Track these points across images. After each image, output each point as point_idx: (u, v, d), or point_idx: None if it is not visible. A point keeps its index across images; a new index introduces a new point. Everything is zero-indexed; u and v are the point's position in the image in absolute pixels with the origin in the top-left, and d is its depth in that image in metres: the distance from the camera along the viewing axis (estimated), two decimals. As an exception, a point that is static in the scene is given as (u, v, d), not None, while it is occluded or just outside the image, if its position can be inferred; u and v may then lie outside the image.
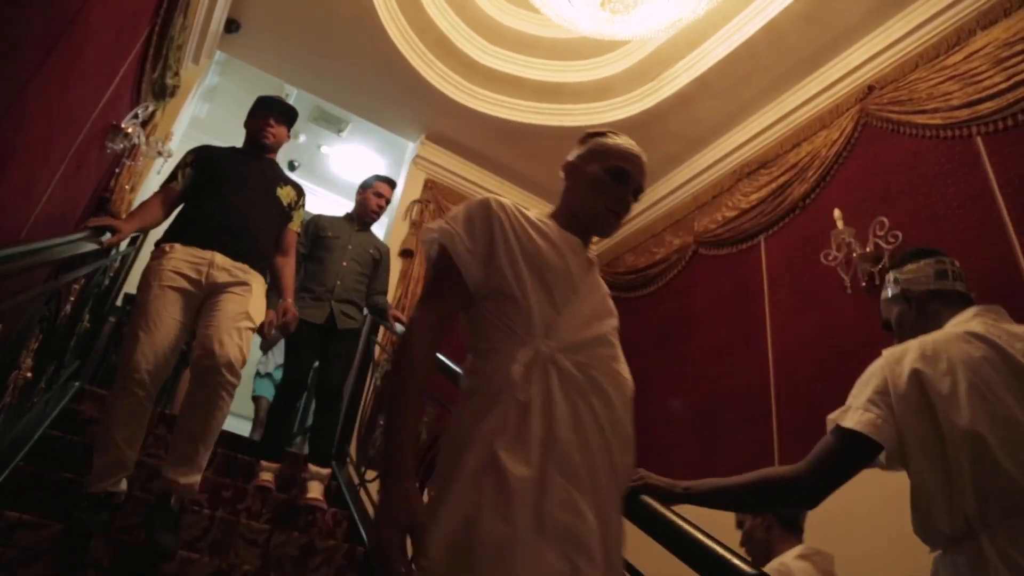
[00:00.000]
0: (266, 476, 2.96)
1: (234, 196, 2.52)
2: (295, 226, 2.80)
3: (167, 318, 2.23)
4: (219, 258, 2.37)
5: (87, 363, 3.52)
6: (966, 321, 1.44)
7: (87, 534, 2.02)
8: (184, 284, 2.30)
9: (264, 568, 2.42)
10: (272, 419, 3.24)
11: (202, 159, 2.61)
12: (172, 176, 2.58)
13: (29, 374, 2.25)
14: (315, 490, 2.98)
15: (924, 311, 1.56)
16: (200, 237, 2.39)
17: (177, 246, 2.35)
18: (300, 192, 2.81)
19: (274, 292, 3.02)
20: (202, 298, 2.34)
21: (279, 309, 2.66)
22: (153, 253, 2.38)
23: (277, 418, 3.22)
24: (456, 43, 4.71)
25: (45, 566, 1.91)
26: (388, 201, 3.67)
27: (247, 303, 2.37)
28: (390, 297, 4.10)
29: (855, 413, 1.36)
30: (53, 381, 2.83)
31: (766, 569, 1.80)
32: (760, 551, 2.15)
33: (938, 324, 1.50)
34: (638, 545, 1.43)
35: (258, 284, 2.48)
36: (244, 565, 2.28)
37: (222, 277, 2.35)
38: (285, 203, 2.70)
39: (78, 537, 2.00)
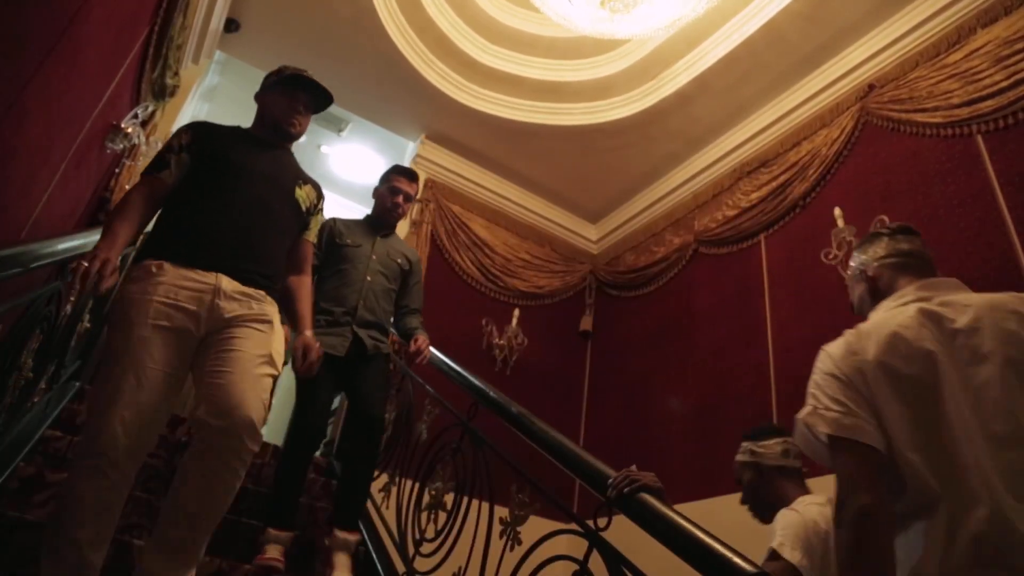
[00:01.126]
0: (273, 552, 2.33)
1: (244, 197, 1.90)
2: (311, 236, 2.17)
3: (155, 370, 1.63)
4: (226, 283, 1.77)
5: (87, 363, 3.52)
6: None
7: None
8: (180, 320, 1.69)
9: (265, 567, 2.42)
10: (282, 480, 2.49)
11: (201, 142, 1.96)
12: (161, 162, 1.89)
13: (29, 374, 2.25)
14: (342, 566, 2.41)
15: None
16: (200, 254, 1.78)
17: (167, 266, 1.73)
18: (320, 194, 2.20)
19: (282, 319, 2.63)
20: (201, 338, 1.74)
21: (297, 346, 2.02)
22: (131, 273, 1.75)
23: (288, 479, 2.49)
24: (456, 42, 4.71)
25: (46, 566, 1.91)
26: (409, 197, 3.00)
27: (269, 342, 1.80)
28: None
29: None
30: (53, 381, 2.83)
31: (779, 515, 1.83)
32: (767, 502, 2.02)
33: None
34: (639, 545, 1.43)
35: (276, 315, 1.90)
36: (244, 565, 2.27)
37: (231, 309, 1.76)
38: (304, 207, 2.08)
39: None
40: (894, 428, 1.17)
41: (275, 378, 1.81)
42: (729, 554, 1.16)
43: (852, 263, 1.69)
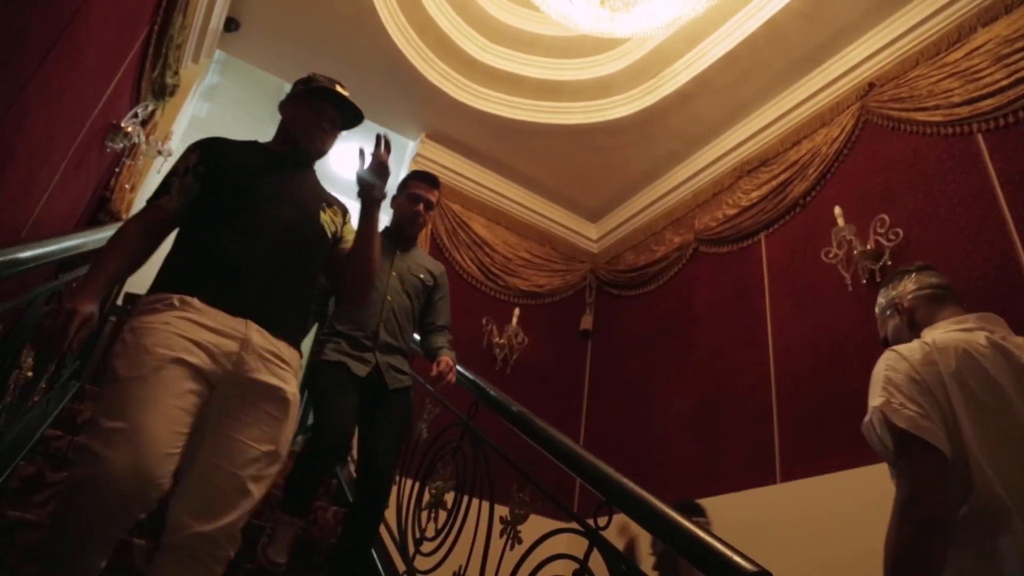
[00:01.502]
0: (278, 551, 2.24)
1: (270, 226, 1.65)
2: (347, 244, 1.89)
3: (171, 406, 1.35)
4: (256, 335, 1.53)
5: (88, 362, 3.52)
6: None
7: None
8: (200, 360, 1.43)
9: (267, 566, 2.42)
10: (299, 479, 2.28)
11: (211, 163, 1.71)
12: (163, 187, 1.67)
13: (30, 373, 2.25)
14: None
15: None
16: (230, 293, 1.54)
17: (196, 303, 1.48)
18: (345, 213, 1.93)
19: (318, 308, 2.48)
20: (214, 387, 1.48)
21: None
22: (148, 304, 1.49)
23: (306, 479, 2.28)
24: (456, 41, 4.71)
25: (46, 565, 1.91)
26: (431, 204, 2.69)
27: (281, 433, 1.54)
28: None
29: None
30: (54, 380, 2.83)
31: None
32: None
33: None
34: (639, 543, 1.43)
35: (295, 383, 1.62)
36: (246, 563, 2.28)
37: (255, 369, 1.51)
38: (330, 232, 1.82)
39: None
40: (969, 439, 1.28)
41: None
42: (729, 552, 1.16)
43: (881, 300, 1.79)
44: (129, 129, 3.25)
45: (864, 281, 3.36)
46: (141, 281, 1.90)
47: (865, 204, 3.57)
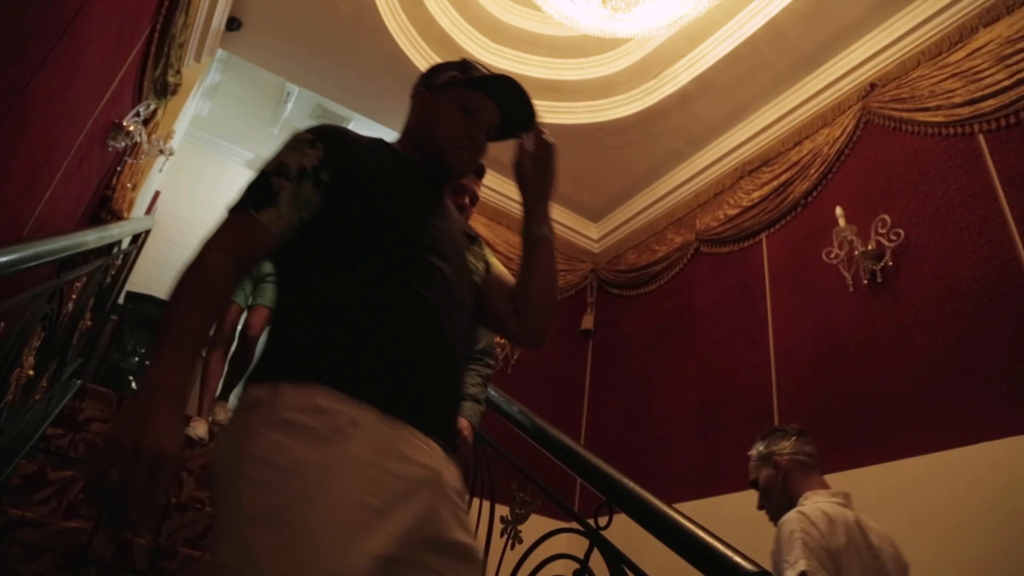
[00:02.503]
0: None
1: (435, 282, 1.10)
2: None
3: None
4: (443, 464, 0.99)
5: (89, 361, 3.52)
6: None
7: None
8: (396, 542, 0.86)
9: None
10: None
11: (346, 168, 1.10)
12: (265, 193, 1.04)
13: (31, 372, 2.25)
14: None
15: None
16: (414, 399, 0.99)
17: (372, 419, 0.91)
18: (482, 242, 1.45)
19: None
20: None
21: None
22: (289, 412, 0.88)
23: None
24: (457, 40, 4.71)
25: (47, 563, 1.91)
26: (476, 197, 2.15)
27: None
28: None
29: None
30: (55, 379, 2.83)
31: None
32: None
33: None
34: (639, 543, 1.43)
35: None
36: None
37: (447, 525, 0.95)
38: (478, 279, 1.35)
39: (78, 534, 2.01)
40: None
41: None
42: (729, 552, 1.16)
43: (760, 447, 2.11)
44: (131, 128, 3.25)
45: (865, 281, 3.36)
46: (142, 279, 1.86)
47: (866, 204, 3.57)
